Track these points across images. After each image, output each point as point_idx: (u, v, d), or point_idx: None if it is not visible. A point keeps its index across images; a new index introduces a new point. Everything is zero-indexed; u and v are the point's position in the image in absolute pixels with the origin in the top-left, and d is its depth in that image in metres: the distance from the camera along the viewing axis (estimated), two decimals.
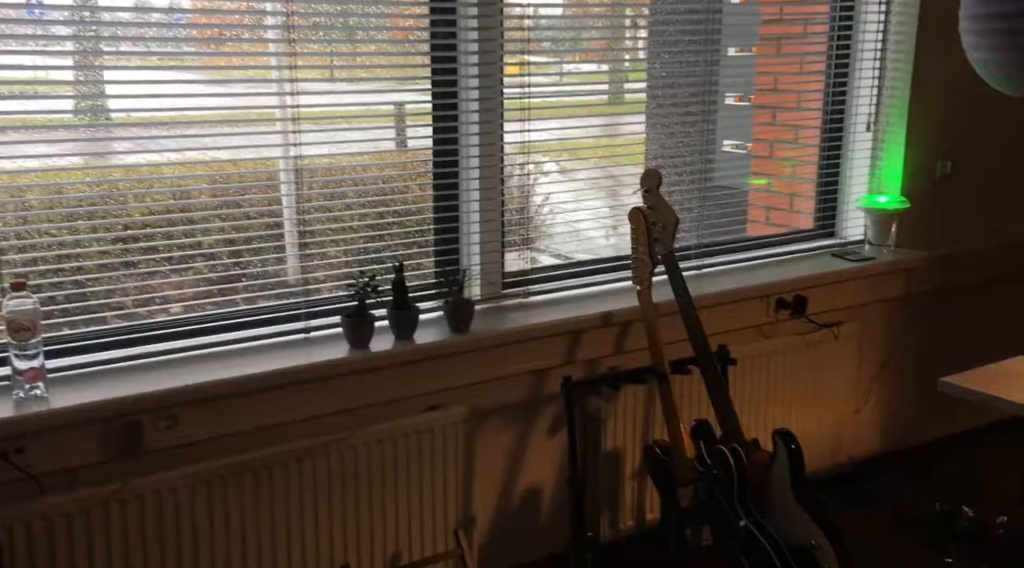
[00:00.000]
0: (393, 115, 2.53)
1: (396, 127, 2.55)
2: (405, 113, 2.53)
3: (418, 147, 2.52)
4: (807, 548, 2.17)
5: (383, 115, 2.50)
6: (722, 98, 3.15)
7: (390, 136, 2.52)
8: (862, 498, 3.11)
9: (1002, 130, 3.29)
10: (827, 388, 3.02)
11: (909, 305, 3.20)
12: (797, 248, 3.16)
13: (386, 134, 2.50)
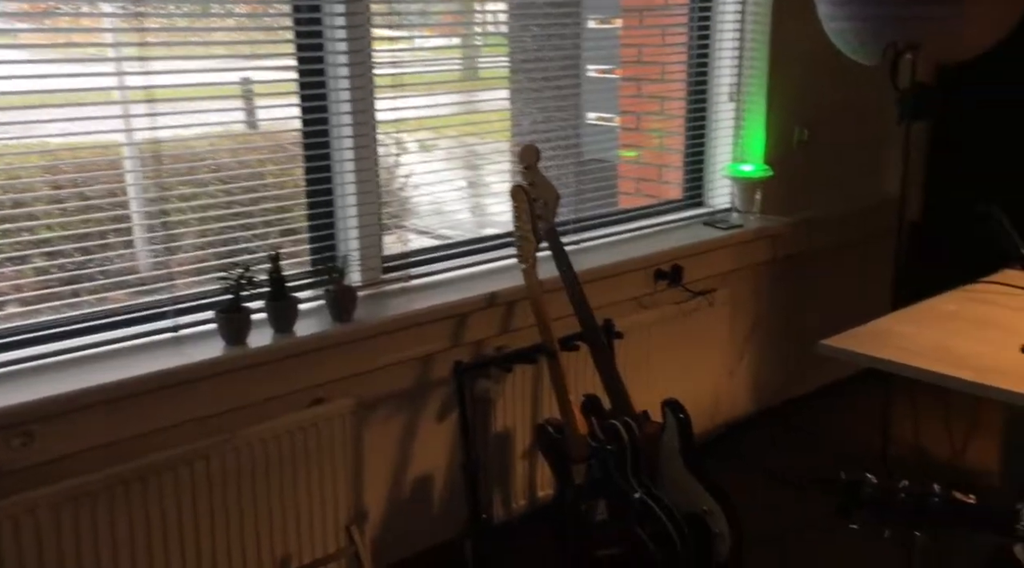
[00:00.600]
0: (248, 93, 2.37)
1: (247, 107, 2.39)
2: (254, 90, 2.37)
3: (285, 128, 2.38)
4: (699, 514, 2.22)
5: (239, 96, 2.34)
6: (584, 70, 3.15)
7: (252, 115, 2.37)
8: (738, 458, 3.22)
9: (855, 97, 3.44)
10: (704, 354, 3.11)
11: (775, 269, 3.33)
12: (669, 219, 3.22)
13: (248, 113, 2.35)
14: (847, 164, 3.54)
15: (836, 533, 2.68)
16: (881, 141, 3.60)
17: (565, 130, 2.87)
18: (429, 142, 2.67)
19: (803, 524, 2.76)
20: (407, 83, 2.47)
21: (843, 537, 2.66)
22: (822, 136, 3.39)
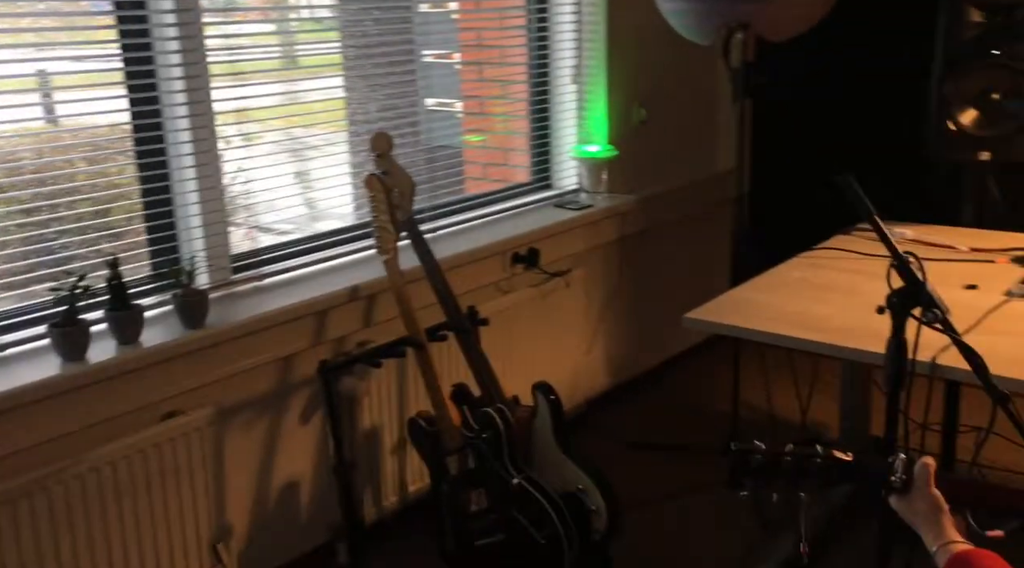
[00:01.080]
0: (46, 86, 2.16)
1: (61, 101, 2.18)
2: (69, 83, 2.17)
3: (106, 123, 2.18)
4: (575, 493, 2.24)
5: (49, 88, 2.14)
6: (420, 56, 3.09)
7: (53, 112, 2.16)
8: (600, 433, 3.29)
9: (689, 76, 3.57)
10: (563, 334, 3.15)
11: (623, 246, 3.41)
12: (520, 202, 3.23)
13: (63, 108, 2.14)
14: (684, 141, 3.67)
15: (702, 495, 2.84)
16: (712, 117, 3.76)
17: (404, 117, 2.80)
18: (256, 134, 2.52)
19: (672, 489, 2.85)
20: (243, 71, 2.32)
21: (709, 498, 2.81)
22: (660, 114, 3.50)
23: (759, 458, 1.30)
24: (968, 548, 1.25)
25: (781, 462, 1.30)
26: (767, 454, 1.30)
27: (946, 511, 1.30)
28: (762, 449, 1.30)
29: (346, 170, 2.75)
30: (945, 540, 1.27)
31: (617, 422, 3.36)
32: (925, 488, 1.31)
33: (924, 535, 1.30)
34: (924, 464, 1.32)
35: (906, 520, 1.35)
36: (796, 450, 1.30)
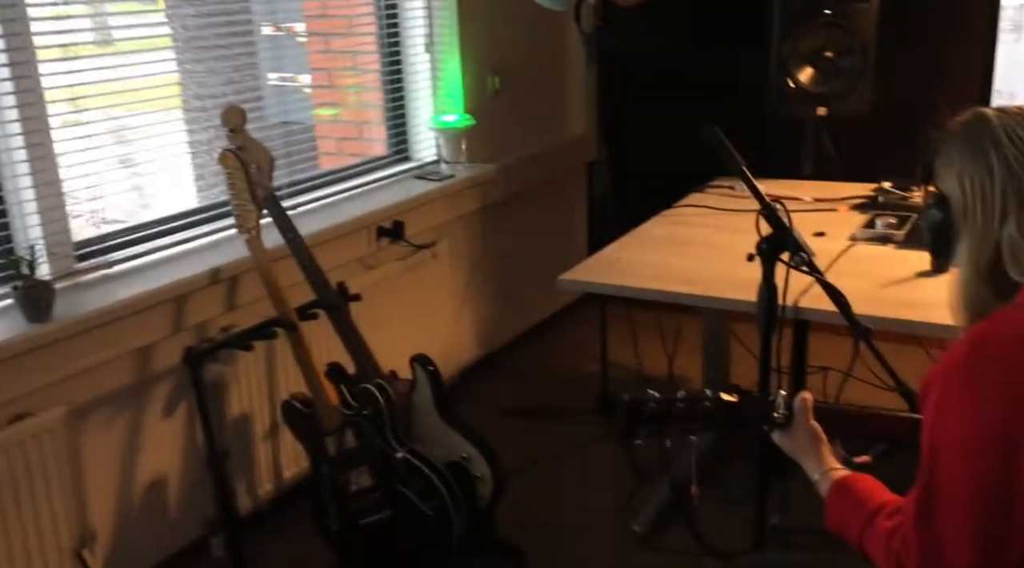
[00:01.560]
0: None
1: None
2: None
3: None
4: (459, 462, 2.24)
5: None
6: (259, 28, 2.96)
7: None
8: (476, 402, 3.30)
9: (540, 43, 3.59)
10: (432, 305, 3.12)
11: (485, 215, 3.41)
12: (380, 176, 3.16)
13: None
14: (539, 108, 3.70)
15: (578, 454, 2.90)
16: (566, 83, 3.80)
17: (244, 93, 2.67)
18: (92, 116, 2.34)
19: (548, 452, 2.90)
20: (74, 47, 2.15)
21: (585, 456, 2.87)
22: (515, 83, 3.51)
23: (652, 406, 1.33)
24: (847, 473, 1.33)
25: (672, 409, 1.33)
26: (660, 402, 1.33)
27: (824, 441, 1.38)
28: (655, 397, 1.33)
29: (190, 149, 2.60)
30: (826, 468, 1.34)
31: (491, 390, 3.37)
32: (804, 421, 1.38)
33: (806, 465, 1.37)
34: (803, 398, 1.40)
35: (788, 453, 1.42)
36: (687, 396, 1.34)
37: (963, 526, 1.04)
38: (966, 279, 1.17)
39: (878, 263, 2.03)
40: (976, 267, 1.15)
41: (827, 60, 2.59)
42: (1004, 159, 1.13)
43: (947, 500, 1.06)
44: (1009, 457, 1.00)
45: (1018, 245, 1.10)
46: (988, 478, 1.02)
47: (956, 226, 1.18)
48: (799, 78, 2.61)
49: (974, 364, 1.04)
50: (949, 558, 1.06)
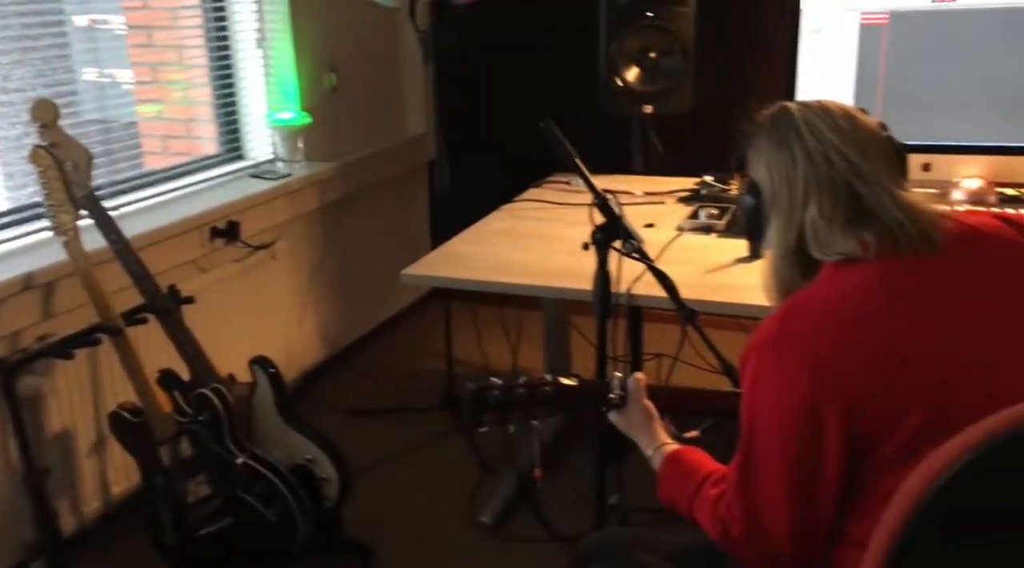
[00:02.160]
0: None
1: None
2: None
3: None
4: (304, 464, 2.19)
5: None
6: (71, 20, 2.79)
7: None
8: (321, 403, 3.24)
9: (378, 39, 3.56)
10: (273, 307, 3.04)
11: (326, 214, 3.35)
12: (212, 175, 3.05)
13: None
14: (378, 105, 3.67)
15: (424, 451, 2.90)
16: (405, 81, 3.79)
17: (55, 87, 2.51)
18: None
19: (394, 450, 2.89)
20: None
21: (432, 452, 2.88)
22: (353, 80, 3.47)
23: (495, 394, 1.35)
24: (677, 447, 1.40)
25: (514, 395, 1.36)
26: (502, 389, 1.36)
27: (657, 418, 1.45)
28: (498, 385, 1.36)
29: None
30: (658, 443, 1.42)
31: (336, 391, 3.32)
32: (638, 401, 1.45)
33: (640, 441, 1.44)
34: (636, 379, 1.47)
35: (624, 431, 1.48)
36: (528, 381, 1.38)
37: (779, 490, 1.12)
38: (776, 260, 1.26)
39: (702, 251, 2.14)
40: (784, 249, 1.24)
41: (651, 60, 2.71)
42: (805, 149, 1.23)
43: (764, 466, 1.14)
44: (817, 424, 1.09)
45: (818, 227, 1.20)
46: (798, 444, 1.10)
47: (766, 211, 1.27)
48: (626, 77, 2.72)
49: (782, 337, 1.13)
50: (768, 520, 1.14)
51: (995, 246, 1.18)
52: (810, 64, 2.37)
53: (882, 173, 1.21)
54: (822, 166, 1.21)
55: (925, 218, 1.17)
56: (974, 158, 2.27)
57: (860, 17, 2.28)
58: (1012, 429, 0.82)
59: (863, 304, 1.12)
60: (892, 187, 1.20)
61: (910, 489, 0.84)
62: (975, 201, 2.17)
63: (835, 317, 1.12)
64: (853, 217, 1.18)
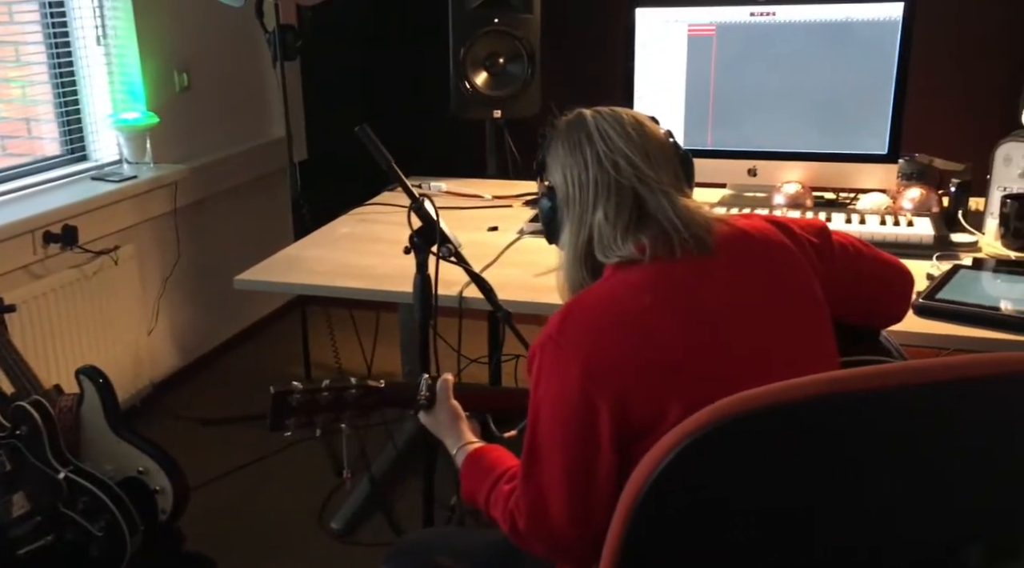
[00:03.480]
0: None
1: None
2: None
3: None
4: (135, 476, 2.12)
5: None
6: None
7: None
8: (175, 413, 3.14)
9: (235, 39, 3.48)
10: (118, 315, 2.93)
11: (180, 218, 3.25)
12: (50, 177, 2.91)
13: None
14: (236, 107, 3.59)
15: (279, 458, 2.85)
16: (267, 82, 3.72)
17: None
18: None
19: (248, 458, 2.83)
20: None
21: (287, 460, 2.84)
22: (207, 80, 3.38)
23: (297, 397, 1.34)
24: (481, 445, 1.43)
25: (318, 398, 1.36)
26: (304, 392, 1.35)
27: (463, 418, 1.47)
28: (299, 388, 1.35)
29: None
30: (463, 442, 1.44)
31: (192, 400, 3.24)
32: (446, 401, 1.47)
33: (447, 441, 1.46)
34: (444, 380, 1.48)
35: (432, 432, 1.50)
36: (331, 384, 1.38)
37: (559, 480, 1.16)
38: (567, 261, 1.30)
39: (538, 254, 2.18)
40: (575, 250, 1.28)
41: (499, 66, 2.75)
42: (596, 154, 1.27)
43: (546, 457, 1.17)
44: (591, 415, 1.12)
45: (604, 230, 1.24)
46: (575, 435, 1.14)
47: (560, 214, 1.31)
48: (475, 82, 2.75)
49: (562, 334, 1.17)
50: (550, 510, 1.17)
51: (760, 249, 1.25)
52: (645, 72, 2.45)
53: (665, 180, 1.26)
54: (610, 171, 1.25)
55: (699, 222, 1.23)
56: (796, 164, 2.39)
57: (688, 28, 2.37)
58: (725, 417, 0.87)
59: (633, 303, 1.16)
60: (673, 193, 1.25)
61: (638, 474, 0.89)
62: (793, 204, 2.29)
63: (607, 315, 1.16)
64: (635, 221, 1.23)
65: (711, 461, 0.88)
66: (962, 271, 1.84)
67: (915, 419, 0.88)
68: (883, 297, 1.42)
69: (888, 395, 0.85)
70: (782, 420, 0.87)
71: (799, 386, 0.88)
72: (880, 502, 0.90)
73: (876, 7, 2.20)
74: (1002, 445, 0.91)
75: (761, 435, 0.88)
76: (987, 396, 0.86)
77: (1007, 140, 2.08)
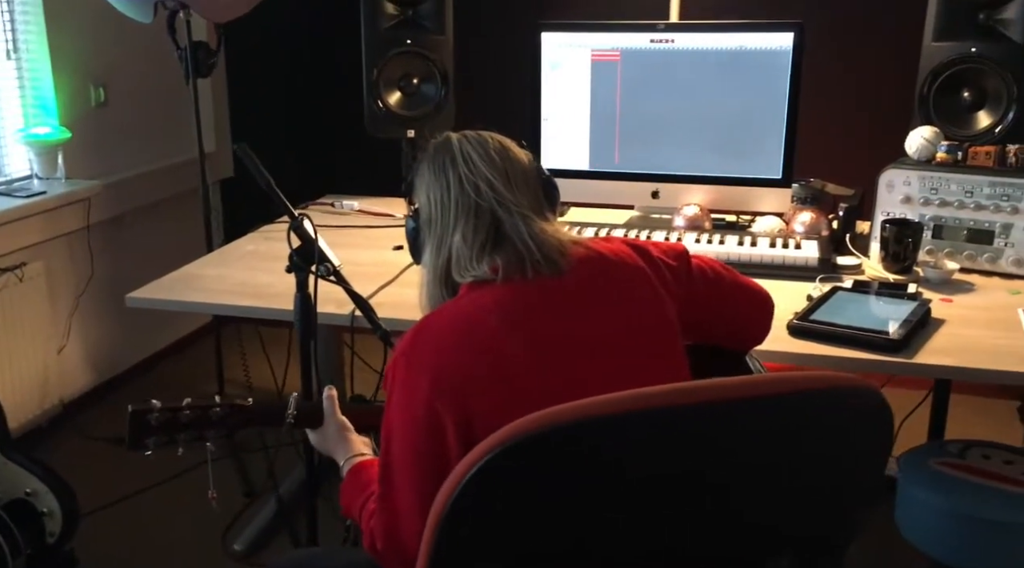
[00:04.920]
0: None
1: None
2: None
3: None
4: (22, 498, 2.08)
5: None
6: None
7: None
8: (84, 433, 3.09)
9: (154, 54, 3.46)
10: (24, 333, 2.87)
11: (94, 234, 3.20)
12: None
13: None
14: (155, 122, 3.55)
15: (188, 478, 2.81)
16: (184, 98, 3.69)
17: None
18: None
19: (157, 479, 2.78)
20: None
21: (196, 480, 2.79)
22: (123, 95, 3.35)
23: (156, 416, 1.33)
24: (365, 459, 1.43)
25: (179, 417, 1.35)
26: (163, 411, 1.34)
27: (352, 430, 1.47)
28: (158, 407, 1.34)
29: None
30: (350, 455, 1.44)
31: (102, 419, 3.18)
32: (332, 416, 1.47)
33: (335, 456, 1.46)
34: (328, 395, 1.49)
35: (322, 450, 1.50)
36: (193, 403, 1.37)
37: (411, 496, 1.16)
38: (428, 281, 1.32)
39: None
40: (435, 270, 1.30)
41: (414, 86, 2.76)
42: (458, 177, 1.29)
43: (398, 474, 1.18)
44: (439, 433, 1.13)
45: (461, 251, 1.26)
46: (424, 449, 1.15)
47: (423, 234, 1.32)
48: (389, 102, 2.76)
49: (414, 345, 1.18)
50: (404, 531, 1.18)
51: (615, 272, 1.28)
52: (552, 94, 2.48)
53: (525, 203, 1.28)
54: (471, 194, 1.28)
55: (553, 245, 1.25)
56: (698, 187, 2.44)
57: (591, 53, 2.42)
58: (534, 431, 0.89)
59: (480, 323, 1.18)
60: (532, 216, 1.27)
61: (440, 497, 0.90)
62: (692, 226, 2.33)
63: (455, 333, 1.18)
64: (491, 242, 1.25)
65: (498, 487, 0.88)
66: (839, 293, 1.89)
67: (703, 438, 0.89)
68: (742, 320, 1.46)
69: (658, 415, 0.87)
70: (563, 442, 0.88)
71: (556, 413, 0.89)
72: (679, 521, 0.92)
73: (768, 36, 2.27)
74: (792, 458, 0.93)
75: (540, 459, 0.88)
76: (776, 412, 0.89)
77: (890, 167, 2.15)
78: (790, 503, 0.93)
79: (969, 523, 1.65)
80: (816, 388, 0.88)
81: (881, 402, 0.91)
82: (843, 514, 0.96)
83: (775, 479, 0.90)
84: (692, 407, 0.86)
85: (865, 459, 0.93)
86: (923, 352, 1.65)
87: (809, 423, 0.88)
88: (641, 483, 0.88)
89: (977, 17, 2.21)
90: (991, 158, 2.04)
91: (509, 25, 3.29)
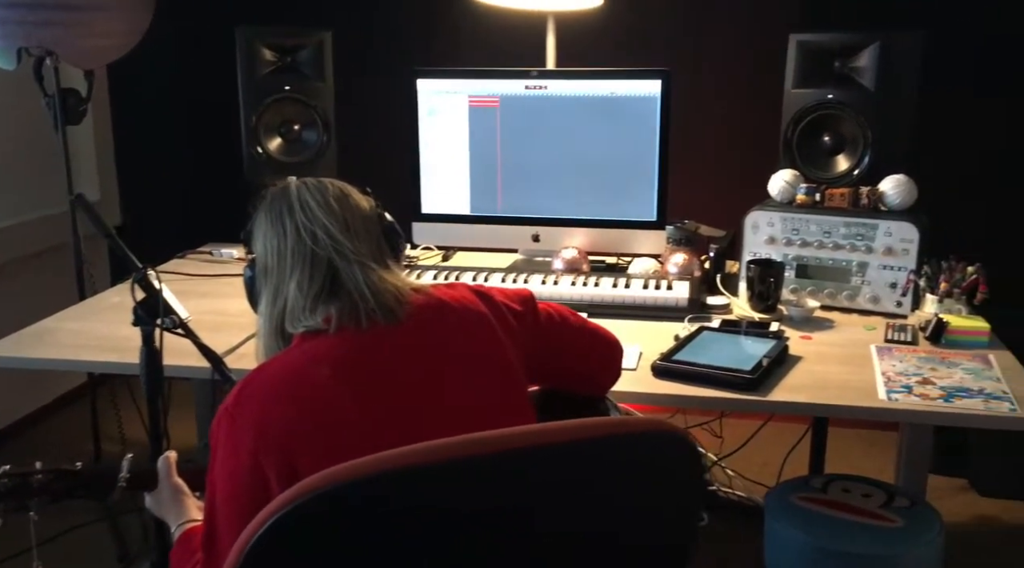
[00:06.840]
0: None
1: None
2: None
3: None
4: None
5: None
6: None
7: None
8: None
9: (22, 102, 3.34)
10: None
11: None
12: None
13: None
14: (26, 171, 3.42)
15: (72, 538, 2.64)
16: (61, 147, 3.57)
17: None
18: None
19: (38, 538, 2.62)
20: None
21: (82, 539, 2.64)
22: None
23: (7, 481, 1.26)
24: (198, 524, 1.36)
25: (32, 479, 1.27)
26: (16, 475, 1.27)
27: (188, 494, 1.41)
28: (9, 471, 1.27)
29: None
30: (182, 520, 1.37)
31: None
32: (167, 478, 1.40)
33: (168, 519, 1.39)
34: (166, 458, 1.42)
35: (157, 515, 1.42)
36: (12, 470, 1.29)
37: (235, 553, 1.11)
38: (264, 332, 1.28)
39: None
40: (270, 320, 1.26)
41: (295, 132, 2.73)
42: (295, 224, 1.26)
43: (221, 530, 1.13)
44: (262, 485, 1.09)
45: (296, 300, 1.23)
46: (248, 507, 1.10)
47: (259, 284, 1.28)
48: (269, 148, 2.72)
49: (239, 401, 1.14)
50: None
51: (454, 318, 1.26)
52: (431, 140, 2.48)
53: (364, 251, 1.26)
54: (307, 242, 1.25)
55: (390, 293, 1.23)
56: (578, 230, 2.46)
57: (468, 99, 2.43)
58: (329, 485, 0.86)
59: (310, 374, 1.15)
60: (370, 264, 1.25)
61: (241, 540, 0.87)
62: (570, 269, 2.34)
63: (283, 385, 1.15)
64: (326, 292, 1.22)
65: (290, 540, 0.86)
66: (704, 333, 1.91)
67: (500, 487, 0.88)
68: (591, 364, 1.46)
69: (453, 466, 0.85)
70: (352, 497, 0.86)
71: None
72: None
73: (637, 83, 2.32)
74: (593, 504, 0.91)
75: (332, 513, 0.87)
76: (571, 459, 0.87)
77: (755, 209, 2.21)
78: (597, 550, 0.92)
79: (828, 557, 1.67)
80: (612, 433, 0.87)
81: (683, 445, 0.91)
82: (656, 558, 0.95)
83: (576, 524, 0.89)
84: (488, 457, 0.84)
85: (669, 502, 0.92)
86: (778, 389, 1.68)
87: (606, 469, 0.87)
88: (440, 533, 0.85)
89: (833, 65, 2.30)
90: (845, 199, 2.11)
91: (391, 70, 3.30)
